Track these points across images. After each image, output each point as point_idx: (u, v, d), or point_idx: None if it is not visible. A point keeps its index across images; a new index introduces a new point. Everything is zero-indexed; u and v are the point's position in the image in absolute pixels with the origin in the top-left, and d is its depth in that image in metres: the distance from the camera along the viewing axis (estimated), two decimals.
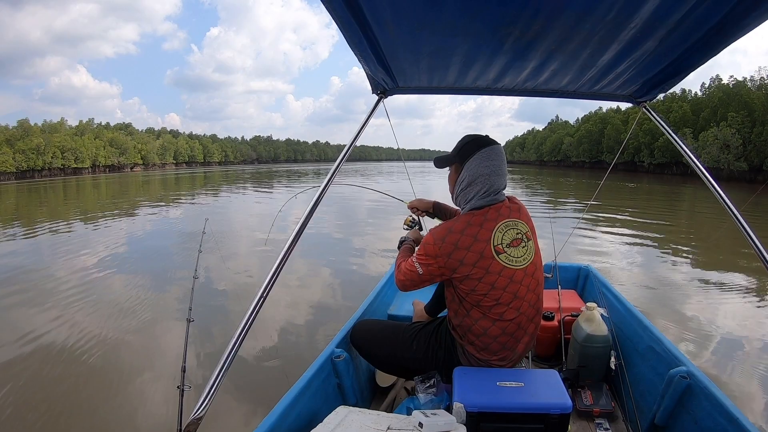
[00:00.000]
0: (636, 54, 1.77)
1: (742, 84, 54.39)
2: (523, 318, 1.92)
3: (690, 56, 1.79)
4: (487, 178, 1.92)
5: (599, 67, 1.94)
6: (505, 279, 1.85)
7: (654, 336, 2.40)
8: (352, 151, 2.33)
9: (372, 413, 1.70)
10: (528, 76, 2.14)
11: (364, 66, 2.10)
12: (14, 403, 3.70)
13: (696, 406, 1.96)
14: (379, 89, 2.46)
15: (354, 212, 16.59)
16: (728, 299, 6.56)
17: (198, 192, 30.79)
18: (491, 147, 1.96)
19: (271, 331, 5.00)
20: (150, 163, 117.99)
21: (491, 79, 2.22)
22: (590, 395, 2.51)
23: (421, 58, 1.98)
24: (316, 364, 2.12)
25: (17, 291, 7.04)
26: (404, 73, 2.22)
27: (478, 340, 1.92)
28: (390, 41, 1.79)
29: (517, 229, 1.92)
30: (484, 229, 1.86)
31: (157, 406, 3.53)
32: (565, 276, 3.58)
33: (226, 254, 8.60)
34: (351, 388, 2.27)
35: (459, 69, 2.10)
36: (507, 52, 1.82)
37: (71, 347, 4.62)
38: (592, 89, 2.31)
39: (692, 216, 18.01)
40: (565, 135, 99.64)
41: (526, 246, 1.92)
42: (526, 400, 1.74)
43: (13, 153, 76.07)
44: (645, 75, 2.05)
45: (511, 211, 1.94)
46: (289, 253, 1.79)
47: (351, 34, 1.68)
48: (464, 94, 2.46)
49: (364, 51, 1.86)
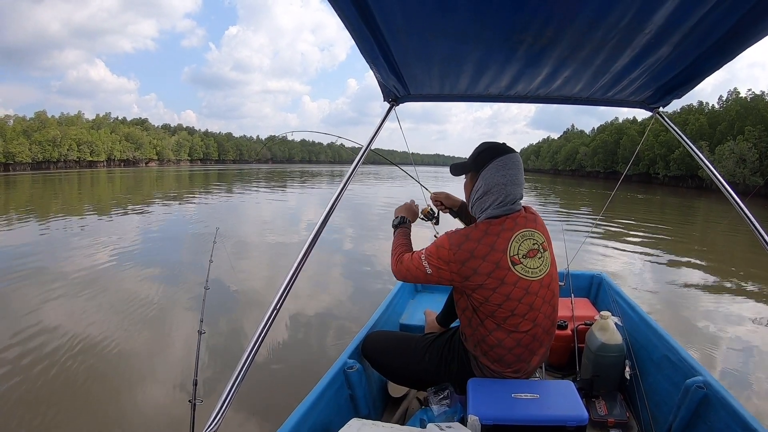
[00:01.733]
0: (650, 60, 1.74)
1: (760, 98, 53.81)
2: (539, 330, 1.88)
3: (704, 62, 1.75)
4: (503, 188, 1.88)
5: (612, 73, 1.91)
6: (521, 290, 1.81)
7: (669, 345, 2.36)
8: (366, 156, 2.31)
9: (386, 426, 1.68)
10: (541, 83, 2.12)
11: (376, 73, 2.09)
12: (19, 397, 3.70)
13: (713, 417, 1.92)
14: (390, 97, 2.44)
15: (366, 215, 16.59)
16: (739, 307, 6.51)
17: (210, 190, 30.88)
18: (508, 155, 1.91)
19: (284, 338, 4.97)
20: (165, 158, 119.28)
21: (504, 86, 2.20)
22: (605, 405, 2.47)
23: (433, 65, 1.96)
24: (328, 375, 2.09)
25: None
26: (416, 80, 2.21)
27: (492, 352, 1.88)
28: (402, 48, 1.78)
29: (533, 240, 1.88)
30: (501, 239, 1.82)
31: (169, 421, 3.46)
32: (578, 284, 3.53)
33: (238, 261, 8.51)
34: (363, 399, 2.24)
35: (471, 76, 2.08)
36: (519, 59, 1.80)
37: (68, 355, 4.50)
38: (605, 95, 2.28)
39: (703, 227, 17.83)
40: (581, 144, 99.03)
41: (542, 257, 1.89)
42: (542, 412, 1.71)
43: (30, 144, 77.28)
44: (659, 81, 2.02)
45: (527, 221, 1.91)
46: (303, 262, 1.75)
47: (363, 41, 1.67)
48: (476, 102, 2.44)
49: (375, 58, 1.85)
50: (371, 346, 2.31)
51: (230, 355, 4.43)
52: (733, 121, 52.37)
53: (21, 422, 3.40)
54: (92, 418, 3.52)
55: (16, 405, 3.62)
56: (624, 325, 2.74)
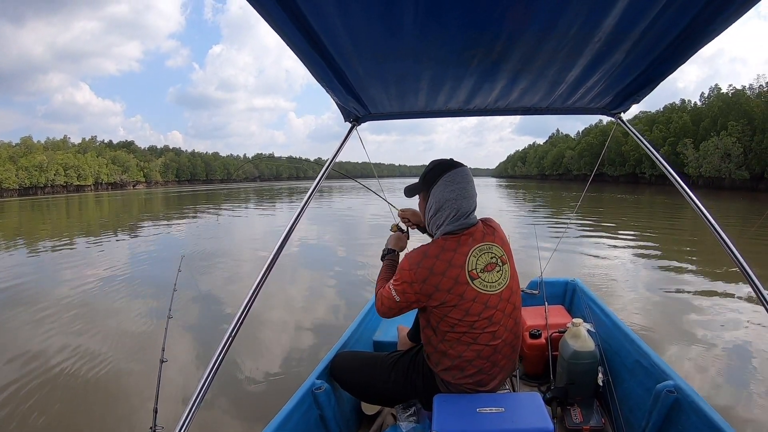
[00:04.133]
0: (604, 67, 1.76)
1: (742, 93, 54.62)
2: (500, 342, 1.88)
3: (659, 66, 1.77)
4: (454, 202, 1.89)
5: (569, 82, 1.93)
6: (480, 305, 1.82)
7: (641, 350, 2.37)
8: (329, 172, 2.33)
9: None
10: (498, 96, 2.14)
11: (333, 96, 2.10)
12: None
13: (684, 421, 1.93)
14: (351, 117, 2.46)
15: (354, 231, 16.56)
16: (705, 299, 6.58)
17: (199, 211, 30.67)
18: (455, 170, 1.93)
19: (254, 358, 4.95)
20: (152, 180, 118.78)
21: (462, 101, 2.22)
22: (580, 413, 2.47)
23: (389, 85, 1.98)
24: (296, 396, 2.09)
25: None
26: (374, 100, 2.22)
27: (453, 366, 1.88)
28: (355, 71, 1.78)
29: (491, 253, 1.89)
30: (459, 254, 1.83)
31: None
32: (553, 291, 3.54)
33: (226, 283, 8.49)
34: (333, 419, 2.25)
35: (428, 93, 2.10)
36: (473, 74, 1.82)
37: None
38: (565, 104, 2.29)
39: (689, 223, 17.98)
40: (566, 148, 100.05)
41: (501, 270, 1.89)
42: (506, 425, 1.70)
43: (17, 170, 76.70)
44: (616, 87, 2.03)
45: (485, 235, 1.92)
46: (263, 281, 1.75)
47: (316, 68, 1.68)
48: (437, 117, 2.46)
49: (330, 82, 1.86)
50: (339, 366, 2.31)
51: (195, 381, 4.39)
52: (716, 117, 53.07)
53: None
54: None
55: None
56: (597, 331, 2.74)
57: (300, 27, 1.37)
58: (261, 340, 5.56)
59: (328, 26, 1.39)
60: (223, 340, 1.59)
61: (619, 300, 6.76)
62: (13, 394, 4.31)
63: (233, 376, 4.48)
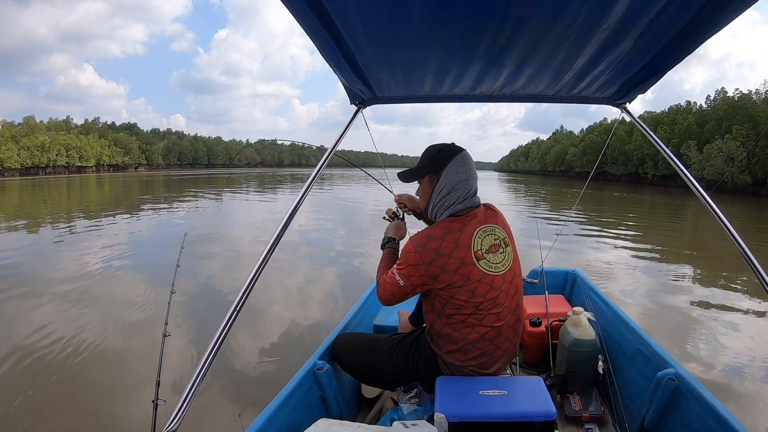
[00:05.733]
0: (611, 56, 1.76)
1: (748, 97, 54.37)
2: (503, 324, 1.89)
3: (666, 56, 1.78)
4: (466, 182, 1.93)
5: (575, 70, 1.94)
6: (486, 286, 1.82)
7: (641, 339, 2.38)
8: (332, 158, 2.33)
9: (353, 425, 1.67)
10: (504, 83, 2.15)
11: (340, 77, 2.11)
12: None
13: (685, 408, 1.94)
14: (357, 99, 2.47)
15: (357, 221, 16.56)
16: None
17: (187, 198, 30.66)
18: (464, 153, 1.98)
19: (257, 339, 4.99)
20: (155, 163, 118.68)
21: (468, 86, 2.23)
22: (579, 401, 2.48)
23: (396, 68, 2.00)
24: (297, 376, 2.09)
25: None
26: (381, 83, 2.24)
27: (457, 348, 1.89)
28: (364, 54, 1.81)
29: (494, 235, 1.91)
30: (464, 235, 1.84)
31: (133, 421, 3.45)
32: (553, 281, 3.55)
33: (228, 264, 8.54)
34: (334, 401, 2.24)
35: (434, 78, 2.12)
36: (479, 60, 1.83)
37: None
38: (570, 93, 2.30)
39: (690, 224, 18.00)
40: (570, 145, 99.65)
41: (504, 252, 1.91)
42: (509, 408, 1.71)
43: (18, 149, 76.62)
44: (622, 77, 2.04)
45: (488, 217, 1.94)
46: (264, 263, 1.76)
47: (325, 48, 1.70)
48: (443, 102, 2.47)
49: (339, 62, 1.88)
50: (340, 348, 2.31)
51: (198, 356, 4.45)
52: (720, 120, 52.82)
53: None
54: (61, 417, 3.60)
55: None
56: (597, 320, 2.75)
57: (312, 6, 1.40)
58: (263, 321, 5.60)
59: (340, 7, 1.42)
60: (225, 318, 1.59)
61: (618, 288, 6.92)
62: (14, 364, 4.38)
63: (235, 356, 4.52)
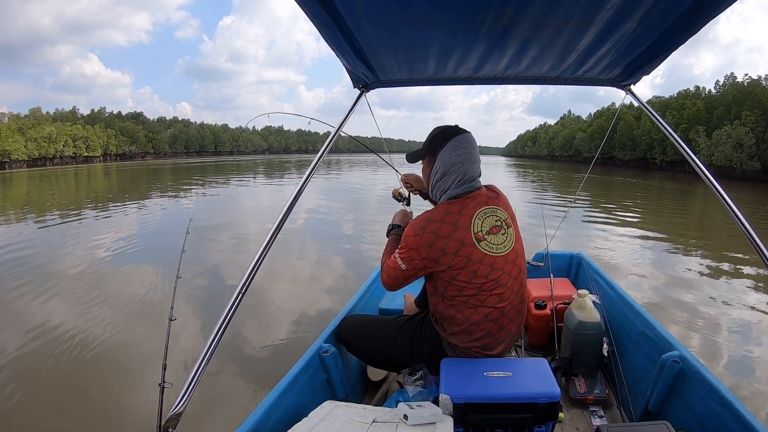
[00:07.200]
0: (615, 36, 1.74)
1: (757, 83, 53.44)
2: (507, 305, 1.89)
3: (671, 36, 1.75)
4: (461, 166, 1.91)
5: (579, 51, 1.91)
6: (487, 267, 1.83)
7: (646, 321, 2.38)
8: (335, 143, 2.34)
9: (358, 407, 1.70)
10: (508, 64, 2.13)
11: (343, 61, 2.10)
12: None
13: (689, 391, 1.94)
14: (360, 83, 2.46)
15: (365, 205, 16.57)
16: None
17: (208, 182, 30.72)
18: (461, 135, 1.95)
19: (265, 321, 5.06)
20: (161, 152, 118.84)
21: (471, 68, 2.22)
22: (584, 383, 2.49)
23: (399, 51, 1.99)
24: (303, 359, 2.11)
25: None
26: (384, 66, 2.22)
27: (461, 329, 1.90)
28: (366, 36, 1.80)
29: (495, 216, 1.91)
30: (464, 217, 1.84)
31: (141, 404, 3.52)
32: (558, 264, 3.55)
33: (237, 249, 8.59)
34: (340, 383, 2.27)
35: (438, 60, 2.10)
36: (483, 41, 1.82)
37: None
38: (574, 74, 2.28)
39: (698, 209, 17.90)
40: (577, 130, 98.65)
41: (506, 233, 1.91)
42: (514, 389, 1.71)
43: (25, 141, 76.87)
44: (626, 57, 2.02)
45: (489, 199, 1.94)
46: (268, 247, 1.78)
47: (327, 30, 1.69)
48: (446, 85, 2.46)
49: (341, 46, 1.87)
50: (346, 330, 2.34)
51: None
52: (729, 106, 52.01)
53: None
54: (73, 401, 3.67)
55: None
56: (602, 303, 2.76)
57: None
58: (268, 304, 5.66)
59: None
60: (230, 301, 1.61)
61: (623, 272, 7.05)
62: (22, 351, 4.45)
63: (241, 339, 4.58)
